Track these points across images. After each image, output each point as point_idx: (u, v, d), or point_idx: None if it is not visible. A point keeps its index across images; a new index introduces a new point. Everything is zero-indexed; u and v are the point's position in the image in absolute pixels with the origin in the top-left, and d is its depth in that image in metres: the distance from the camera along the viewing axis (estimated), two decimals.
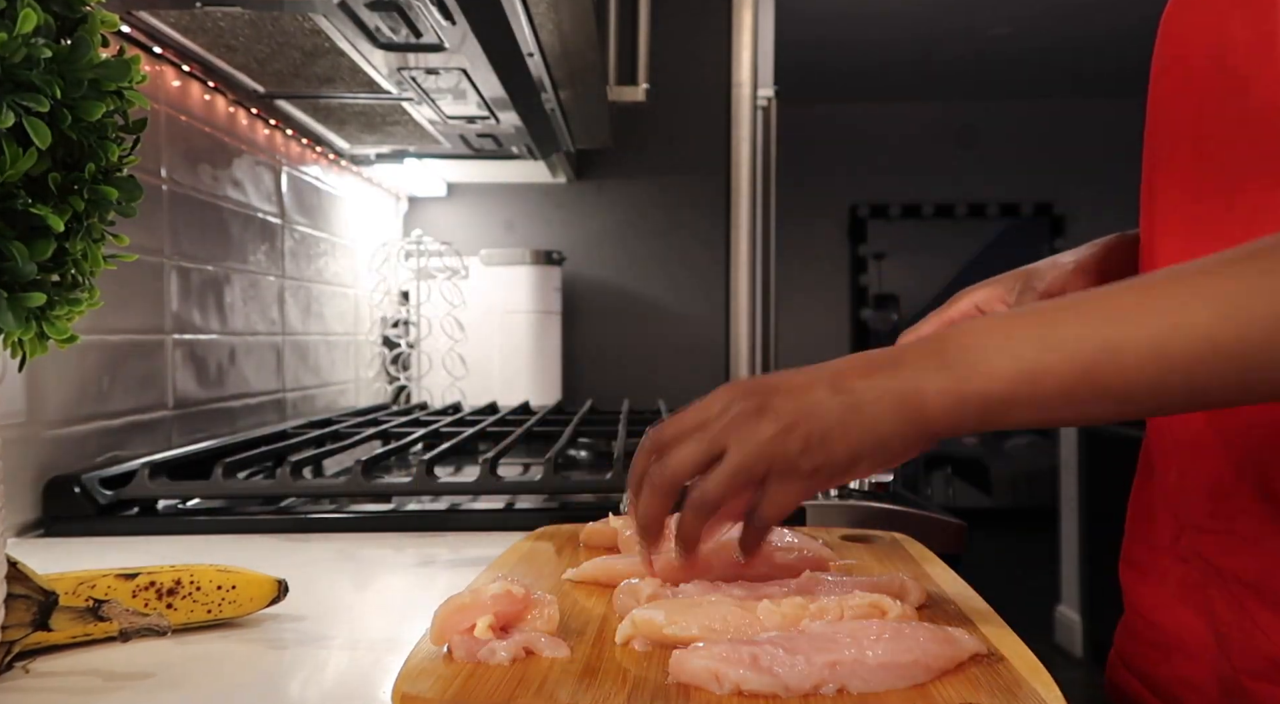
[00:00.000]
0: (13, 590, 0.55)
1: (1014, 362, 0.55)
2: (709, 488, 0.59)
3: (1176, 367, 0.53)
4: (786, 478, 0.58)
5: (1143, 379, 0.54)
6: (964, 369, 0.56)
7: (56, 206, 0.48)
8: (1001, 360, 0.56)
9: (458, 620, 0.52)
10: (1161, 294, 0.55)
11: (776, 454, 0.58)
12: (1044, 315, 0.58)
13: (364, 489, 1.04)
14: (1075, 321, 0.55)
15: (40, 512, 0.98)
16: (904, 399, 0.57)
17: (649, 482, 0.62)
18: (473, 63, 1.21)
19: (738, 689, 0.47)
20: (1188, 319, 0.53)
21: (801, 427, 0.57)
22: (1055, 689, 0.47)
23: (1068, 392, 0.55)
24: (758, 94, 2.27)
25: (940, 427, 0.57)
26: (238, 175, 1.46)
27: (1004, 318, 0.58)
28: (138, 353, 1.19)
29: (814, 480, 0.58)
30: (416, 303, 2.05)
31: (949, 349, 0.57)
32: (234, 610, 0.65)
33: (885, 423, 0.57)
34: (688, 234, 2.34)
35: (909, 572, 0.68)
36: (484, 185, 2.34)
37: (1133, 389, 0.54)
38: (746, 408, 0.58)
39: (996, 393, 0.56)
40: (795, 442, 0.57)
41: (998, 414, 0.56)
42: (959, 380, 0.56)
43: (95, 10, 0.50)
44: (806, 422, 0.57)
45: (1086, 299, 0.57)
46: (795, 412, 0.58)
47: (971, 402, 0.56)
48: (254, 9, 1.04)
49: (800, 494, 0.59)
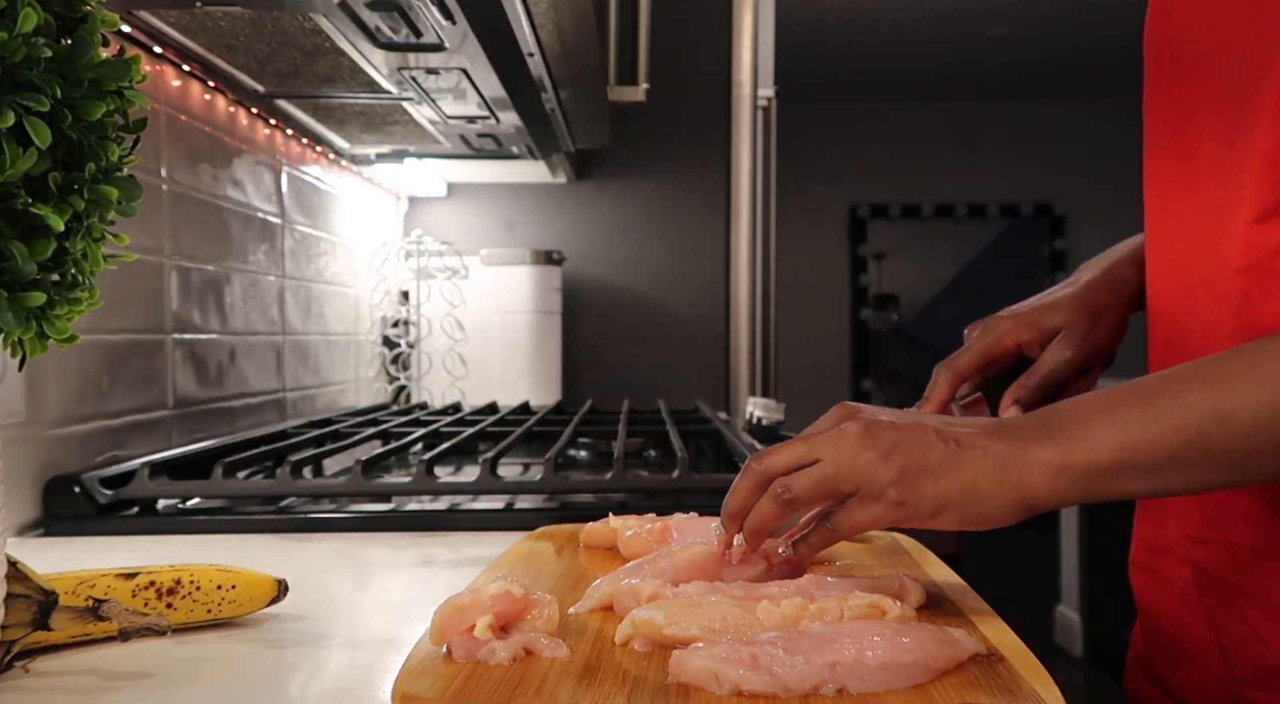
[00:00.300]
0: (13, 590, 0.55)
1: (1120, 432, 0.56)
2: (794, 482, 0.60)
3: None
4: (870, 501, 0.59)
5: (1259, 445, 0.54)
6: (1069, 441, 0.57)
7: (56, 206, 0.48)
8: (1106, 431, 0.56)
9: (457, 620, 0.52)
10: (1271, 358, 0.55)
11: (868, 475, 0.59)
12: (1149, 385, 0.58)
13: (364, 489, 1.04)
14: (1180, 390, 0.56)
15: (40, 511, 0.98)
16: (1007, 464, 0.58)
17: (745, 467, 0.63)
18: (473, 63, 1.21)
19: (738, 689, 0.47)
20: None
21: (900, 458, 0.58)
22: (1055, 689, 0.47)
23: (1177, 459, 0.55)
24: (758, 94, 2.27)
25: (1042, 497, 0.58)
26: (238, 175, 1.46)
27: (1107, 393, 0.59)
28: (138, 353, 1.19)
29: (896, 512, 0.59)
30: (416, 303, 2.05)
31: (1054, 422, 0.59)
32: (234, 610, 0.65)
33: (983, 480, 0.58)
34: (688, 234, 2.34)
35: (909, 572, 0.68)
36: (484, 185, 2.34)
37: (1248, 455, 0.55)
38: (853, 428, 0.60)
39: (1102, 463, 0.56)
40: (890, 470, 0.58)
41: (1104, 484, 0.57)
42: (1064, 452, 0.57)
43: (95, 10, 0.50)
44: (906, 455, 0.58)
45: (1189, 368, 0.58)
46: (899, 443, 0.59)
47: (1075, 471, 0.57)
48: (254, 9, 1.04)
49: (879, 520, 0.60)
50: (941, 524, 0.59)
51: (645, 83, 1.90)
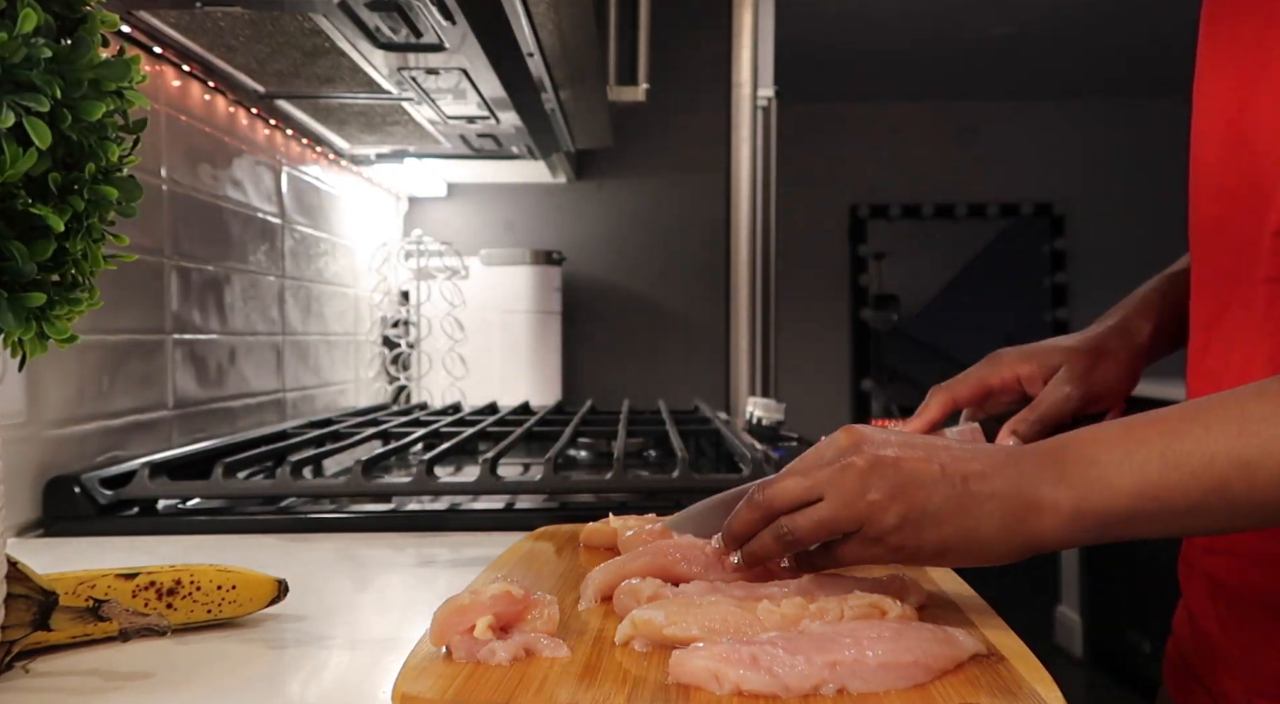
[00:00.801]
0: (13, 590, 0.55)
1: (1137, 478, 0.54)
2: (798, 524, 0.60)
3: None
4: (872, 542, 0.59)
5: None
6: (1083, 485, 0.55)
7: (56, 206, 0.48)
8: (1123, 477, 0.54)
9: (457, 621, 0.52)
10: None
11: (870, 519, 0.58)
12: (1167, 424, 0.55)
13: (364, 489, 1.04)
14: (1202, 434, 0.53)
15: (40, 512, 0.98)
16: (1014, 508, 0.56)
17: (749, 496, 0.63)
18: (473, 63, 1.21)
19: (738, 689, 0.47)
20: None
21: (902, 503, 0.57)
22: (1055, 689, 0.47)
23: (1196, 508, 0.53)
24: (758, 94, 2.27)
25: (1050, 541, 0.56)
26: (238, 175, 1.46)
27: (1125, 427, 0.56)
28: (138, 353, 1.19)
29: (897, 554, 0.59)
30: (416, 303, 2.05)
31: (1068, 461, 0.56)
32: (234, 610, 0.65)
33: (987, 525, 0.56)
34: (688, 234, 2.34)
35: (909, 571, 0.68)
36: (484, 185, 2.34)
37: (1269, 503, 0.52)
38: (857, 464, 0.58)
39: (1118, 510, 0.54)
40: (892, 516, 0.57)
41: (1117, 530, 0.55)
42: (1078, 497, 0.55)
43: (95, 10, 0.50)
44: (909, 500, 0.57)
45: (1211, 406, 0.55)
46: (902, 487, 0.57)
47: (1089, 518, 0.55)
48: (254, 9, 1.04)
49: (878, 559, 0.60)
50: (942, 564, 0.59)
51: (645, 83, 1.90)
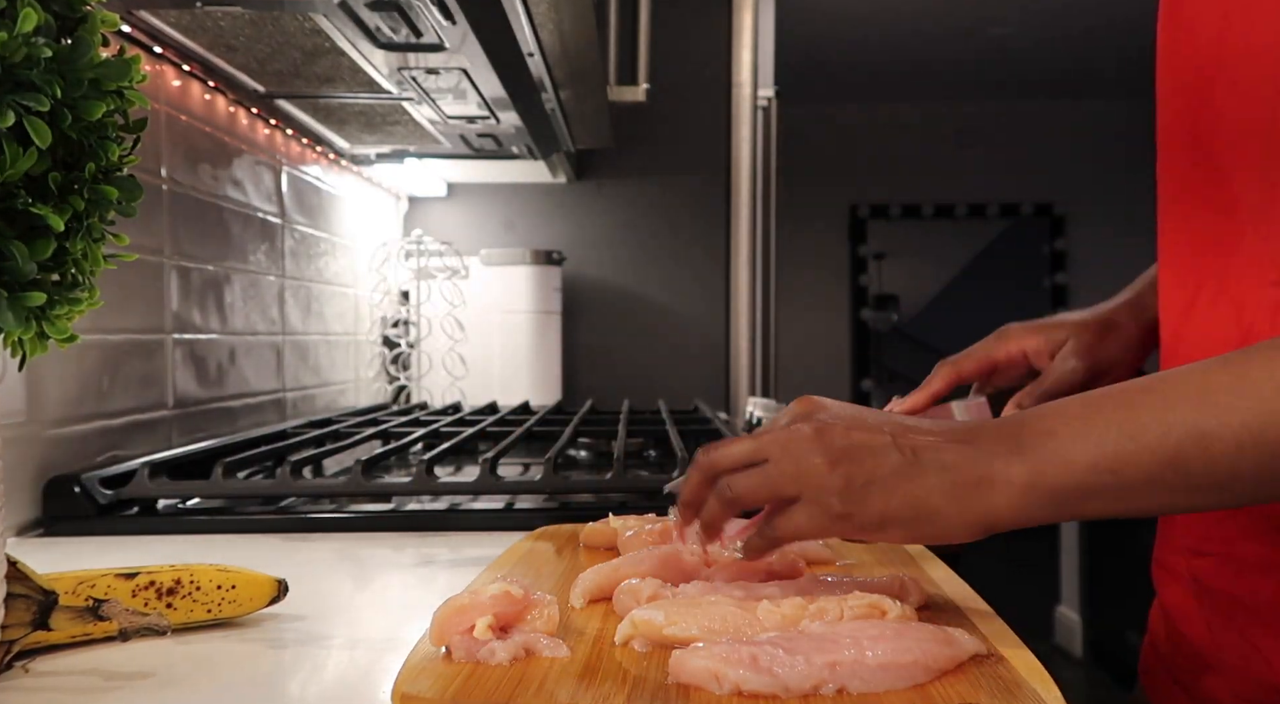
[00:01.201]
0: (13, 590, 0.55)
1: (1093, 450, 0.52)
2: (736, 482, 0.59)
3: (1278, 454, 0.49)
4: (813, 508, 0.57)
5: (1239, 468, 0.50)
6: (1038, 459, 0.53)
7: (56, 206, 0.48)
8: (1079, 450, 0.52)
9: (457, 621, 0.52)
10: (1256, 376, 0.50)
11: (813, 482, 0.56)
12: (1127, 396, 0.54)
13: (364, 489, 1.04)
14: (1160, 406, 0.52)
15: (40, 511, 0.98)
16: (965, 481, 0.54)
17: (694, 459, 0.62)
18: (473, 63, 1.21)
19: (737, 689, 0.47)
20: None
21: (847, 467, 0.56)
22: (1055, 689, 0.47)
23: (1152, 481, 0.52)
24: (758, 94, 2.27)
25: (1005, 517, 0.54)
26: (238, 175, 1.46)
27: (1085, 401, 0.55)
28: (138, 353, 1.19)
29: (839, 524, 0.57)
30: (416, 303, 2.05)
31: (1025, 435, 0.54)
32: (234, 610, 0.65)
33: (937, 497, 0.55)
34: (688, 234, 2.34)
35: (909, 572, 0.68)
36: (484, 185, 2.34)
37: (1227, 478, 0.51)
38: (805, 430, 0.57)
39: (1073, 484, 0.53)
40: (836, 479, 0.56)
41: (1073, 505, 0.54)
42: (1032, 471, 0.53)
43: (95, 10, 0.50)
44: (855, 464, 0.56)
45: (1172, 379, 0.53)
46: (848, 452, 0.56)
47: (1042, 492, 0.53)
48: (254, 9, 1.04)
49: (820, 529, 0.57)
50: (888, 539, 0.57)
51: (645, 83, 1.90)
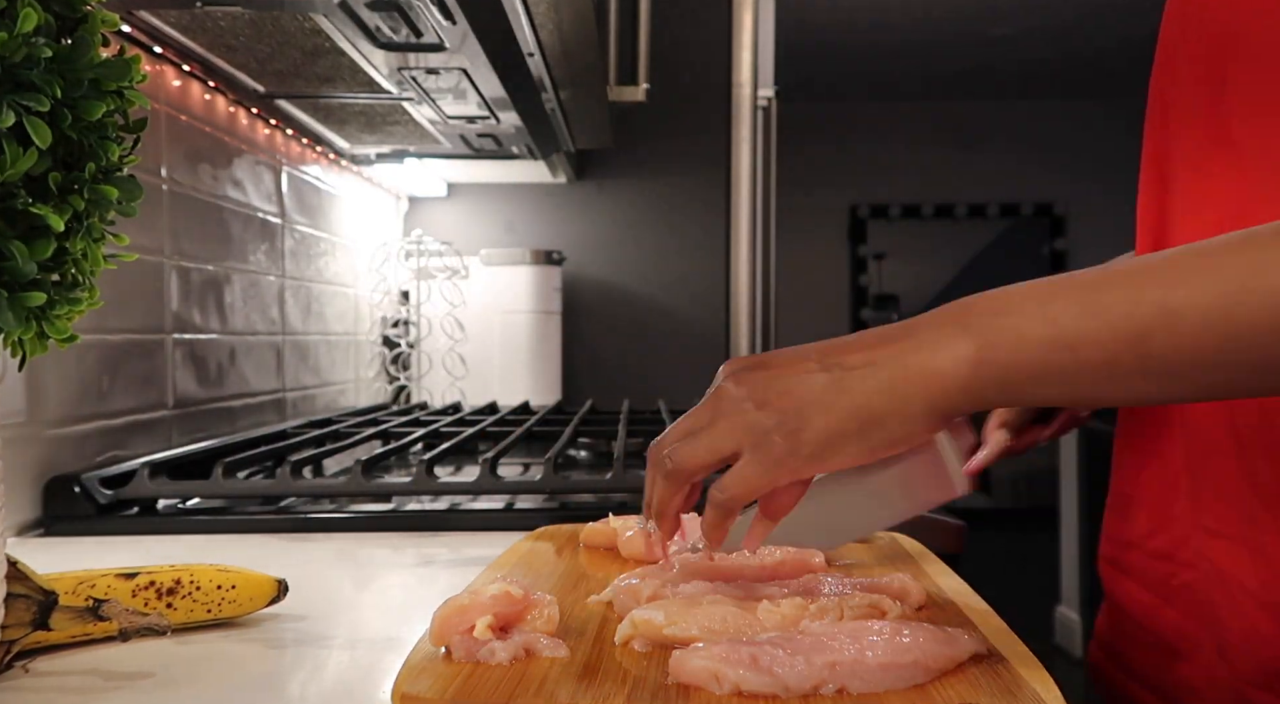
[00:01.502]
0: (13, 590, 0.55)
1: (1051, 327, 0.48)
2: (675, 452, 0.56)
3: (1243, 335, 0.46)
4: (756, 454, 0.53)
5: (1202, 350, 0.47)
6: (989, 335, 0.49)
7: (56, 206, 0.48)
8: (1035, 325, 0.49)
9: (457, 621, 0.52)
10: (1230, 255, 0.47)
11: (747, 429, 0.53)
12: (1092, 277, 0.50)
13: (364, 489, 1.04)
14: (1126, 284, 0.48)
15: (40, 511, 0.98)
16: (908, 376, 0.51)
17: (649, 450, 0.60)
18: (473, 63, 1.21)
19: (737, 689, 0.47)
20: (1263, 283, 0.46)
21: (778, 400, 0.53)
22: (1055, 689, 0.47)
23: (1111, 363, 0.48)
24: (758, 94, 2.27)
25: (955, 400, 0.50)
26: (238, 175, 1.46)
27: (1045, 281, 0.51)
28: (138, 353, 1.19)
29: (789, 463, 0.53)
30: (416, 303, 2.05)
31: (972, 313, 0.51)
32: (234, 610, 0.65)
33: (877, 399, 0.51)
34: (688, 234, 2.34)
35: (909, 572, 0.68)
36: (484, 185, 2.34)
37: (1188, 362, 0.47)
38: (727, 384, 0.55)
39: (1025, 362, 0.49)
40: (769, 416, 0.52)
41: (1023, 387, 0.50)
42: (981, 347, 0.49)
43: (96, 10, 0.50)
44: (784, 395, 0.52)
45: (1139, 261, 0.50)
46: (774, 385, 0.53)
47: (992, 368, 0.49)
48: (254, 9, 1.04)
49: (767, 474, 0.54)
50: (845, 461, 0.53)
51: (645, 83, 1.90)
